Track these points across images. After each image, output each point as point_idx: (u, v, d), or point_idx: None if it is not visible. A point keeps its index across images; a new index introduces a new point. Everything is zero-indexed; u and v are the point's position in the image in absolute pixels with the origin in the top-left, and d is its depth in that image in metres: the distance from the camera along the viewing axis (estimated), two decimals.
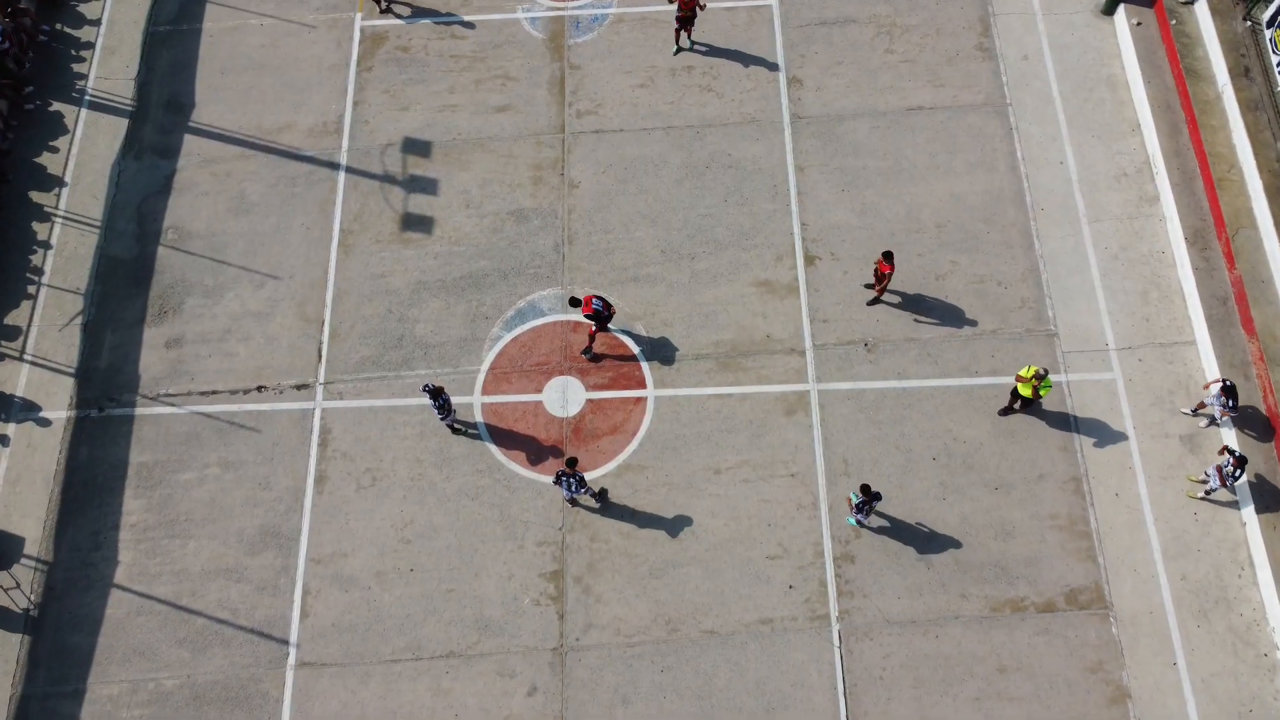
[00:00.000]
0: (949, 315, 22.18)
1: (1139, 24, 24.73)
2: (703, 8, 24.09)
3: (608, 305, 20.83)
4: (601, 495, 20.48)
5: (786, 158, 23.99)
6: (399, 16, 25.78)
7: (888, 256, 20.94)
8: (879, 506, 19.92)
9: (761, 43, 25.43)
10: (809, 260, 22.85)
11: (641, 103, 24.72)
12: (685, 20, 24.21)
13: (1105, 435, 20.93)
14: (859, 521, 19.68)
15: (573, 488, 19.44)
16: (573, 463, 19.30)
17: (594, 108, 24.68)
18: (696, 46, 25.20)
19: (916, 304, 22.31)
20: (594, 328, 21.27)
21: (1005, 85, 24.67)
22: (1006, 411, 20.98)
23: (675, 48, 25.05)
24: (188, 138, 24.59)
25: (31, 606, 19.82)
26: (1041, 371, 19.65)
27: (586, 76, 25.10)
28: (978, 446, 20.97)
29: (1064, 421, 21.12)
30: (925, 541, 20.17)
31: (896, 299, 22.33)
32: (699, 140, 24.25)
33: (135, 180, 24.07)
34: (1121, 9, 24.98)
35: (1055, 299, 22.27)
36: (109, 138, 24.52)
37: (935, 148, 23.98)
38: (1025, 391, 19.95)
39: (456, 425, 21.19)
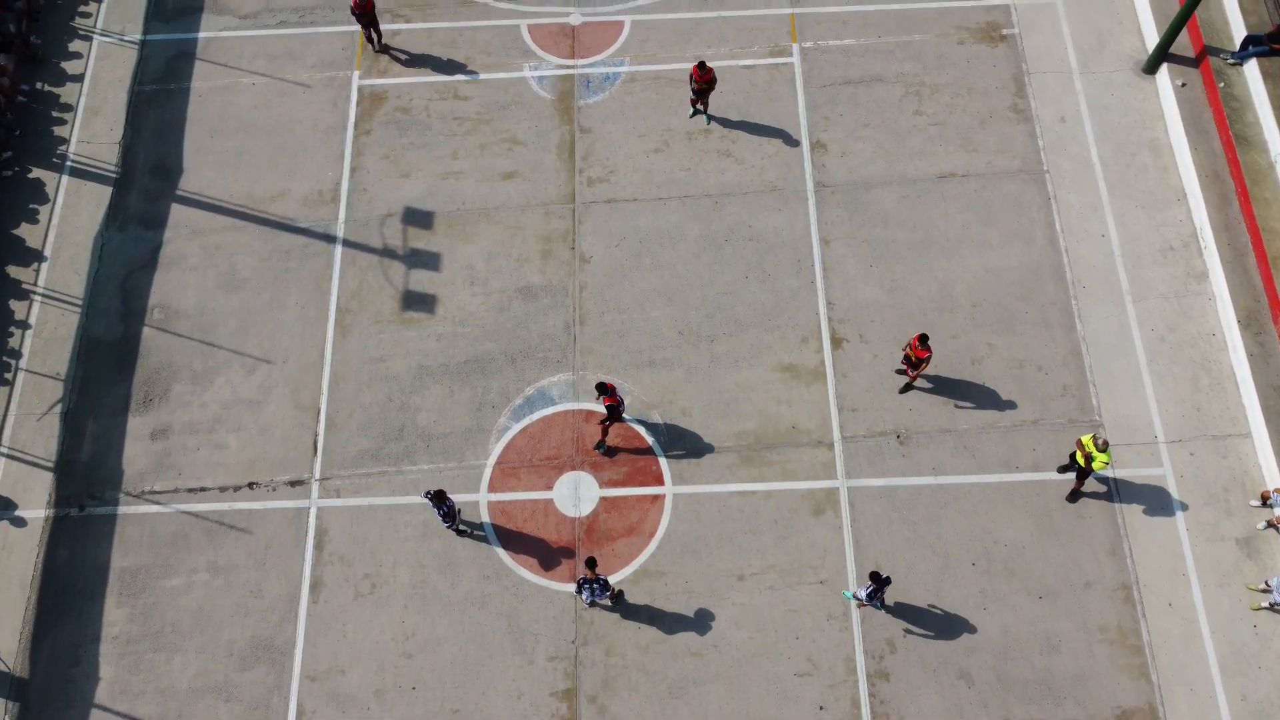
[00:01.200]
0: (986, 403, 20.94)
1: (1183, 85, 23.49)
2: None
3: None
4: (619, 597, 19.25)
5: (811, 229, 22.75)
6: (397, 59, 24.50)
7: (923, 340, 19.69)
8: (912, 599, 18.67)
9: (783, 103, 24.18)
10: (836, 342, 21.62)
11: (656, 169, 23.48)
12: (701, 93, 22.95)
13: (1156, 537, 19.70)
14: (874, 605, 18.53)
15: (596, 593, 18.19)
16: (592, 564, 18.12)
17: (606, 174, 23.44)
18: (711, 119, 23.92)
19: (951, 390, 21.07)
20: (607, 421, 20.05)
21: (1042, 150, 23.43)
22: (1074, 496, 19.87)
23: (691, 110, 23.79)
24: (175, 206, 23.35)
25: None
26: (1101, 443, 18.35)
27: (598, 140, 23.86)
28: (1019, 550, 19.74)
29: (1111, 521, 19.88)
30: (965, 655, 18.94)
31: (929, 384, 21.11)
32: (718, 210, 23.01)
33: (119, 253, 22.83)
34: (1164, 68, 23.74)
35: (1099, 385, 21.04)
36: (91, 207, 23.30)
37: (969, 218, 22.73)
38: (1078, 457, 18.79)
39: (461, 528, 19.96)
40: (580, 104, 24.32)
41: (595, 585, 18.07)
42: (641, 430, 20.96)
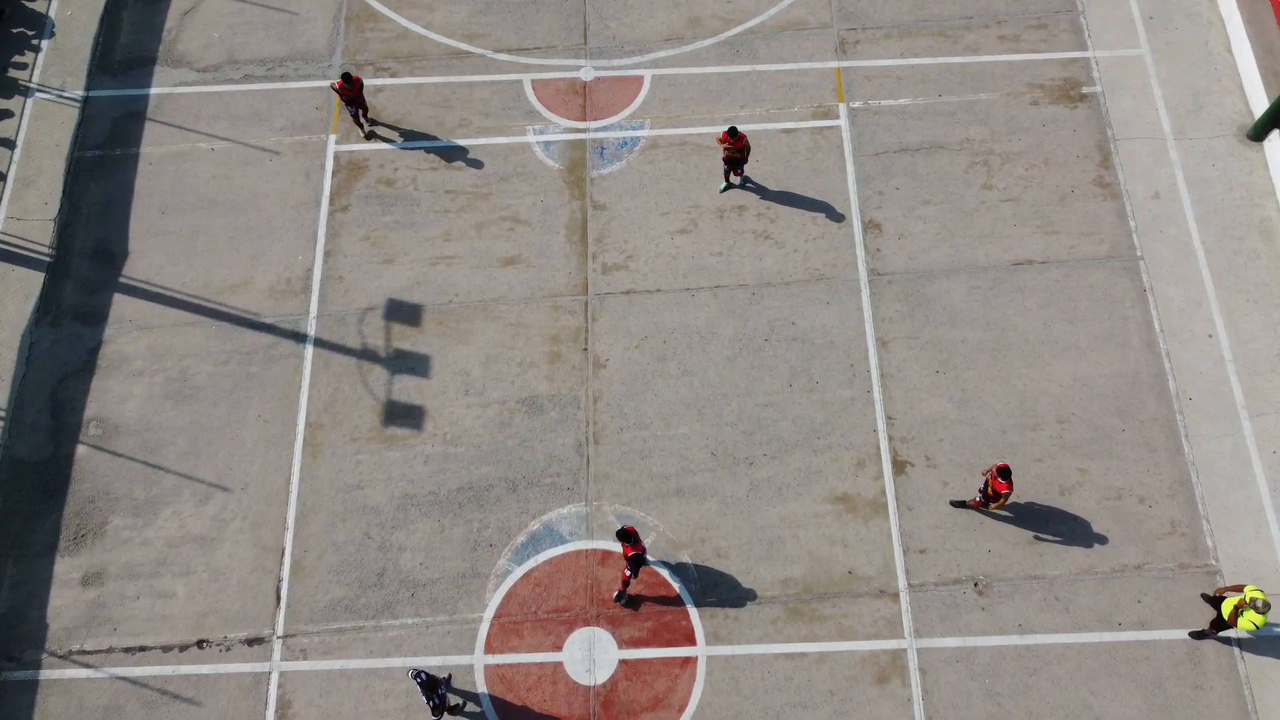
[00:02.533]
0: (1079, 543, 17.93)
1: None
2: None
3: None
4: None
5: (865, 327, 19.72)
6: (388, 141, 21.51)
7: (1004, 474, 16.67)
8: None
9: (829, 175, 21.17)
10: (898, 467, 18.56)
11: (683, 254, 20.47)
12: (733, 162, 19.96)
13: None
14: None
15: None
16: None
17: (624, 260, 20.41)
18: (749, 184, 20.93)
19: (1037, 526, 18.09)
20: (628, 572, 17.02)
21: (1134, 232, 20.43)
22: (1200, 635, 17.07)
23: (724, 184, 20.79)
24: (118, 298, 20.32)
25: None
26: (1261, 604, 15.46)
27: (614, 219, 20.84)
28: None
29: (1236, 694, 16.86)
30: None
31: (1008, 514, 18.05)
32: (755, 304, 19.97)
33: (51, 355, 19.80)
34: (1274, 135, 20.78)
35: (1214, 522, 18.00)
36: (19, 298, 20.30)
37: (1051, 315, 19.71)
38: (1226, 606, 15.90)
39: (453, 702, 16.92)
40: (593, 175, 21.31)
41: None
42: (668, 576, 17.90)
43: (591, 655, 17.43)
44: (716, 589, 17.87)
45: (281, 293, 20.37)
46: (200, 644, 17.64)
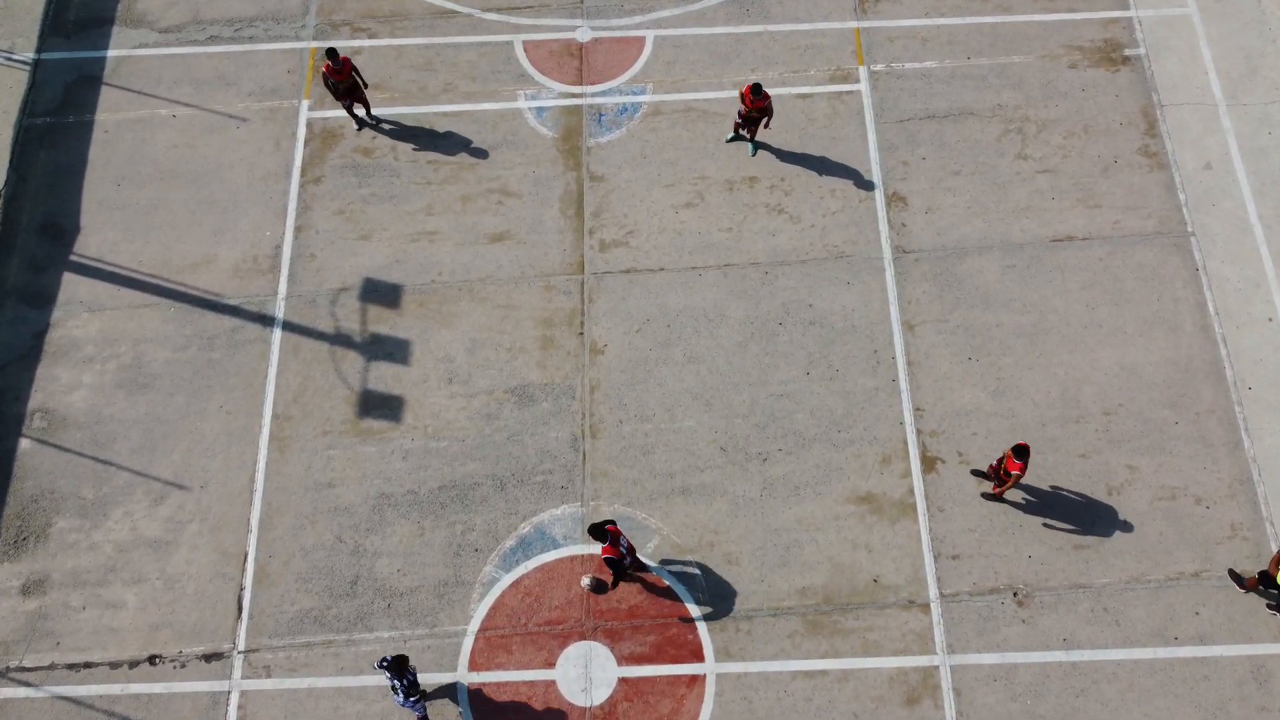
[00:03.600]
0: (1129, 548, 16.41)
1: None
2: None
3: (630, 547, 15.19)
4: None
5: (890, 310, 18.19)
6: (381, 131, 19.97)
7: (1020, 453, 15.13)
8: None
9: (849, 144, 19.62)
10: (928, 464, 17.03)
11: (689, 230, 18.92)
12: (750, 121, 18.42)
13: None
14: None
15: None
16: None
17: (624, 236, 18.87)
18: (762, 150, 19.40)
19: (1083, 529, 16.57)
20: (612, 581, 15.53)
21: (1184, 206, 18.89)
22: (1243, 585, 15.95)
23: (731, 134, 19.19)
24: (67, 278, 18.77)
25: None
26: None
27: (613, 191, 19.28)
28: None
29: None
30: None
31: (1052, 518, 16.52)
32: (768, 285, 18.43)
33: None
34: None
35: (1279, 524, 16.45)
36: None
37: (1094, 296, 18.17)
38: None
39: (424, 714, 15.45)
40: (590, 144, 19.75)
41: None
42: (673, 585, 16.36)
43: (588, 673, 15.91)
44: (727, 599, 16.34)
45: (247, 272, 18.83)
46: (152, 660, 16.13)
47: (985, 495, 16.76)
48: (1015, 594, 16.28)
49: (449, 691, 15.85)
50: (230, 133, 20.09)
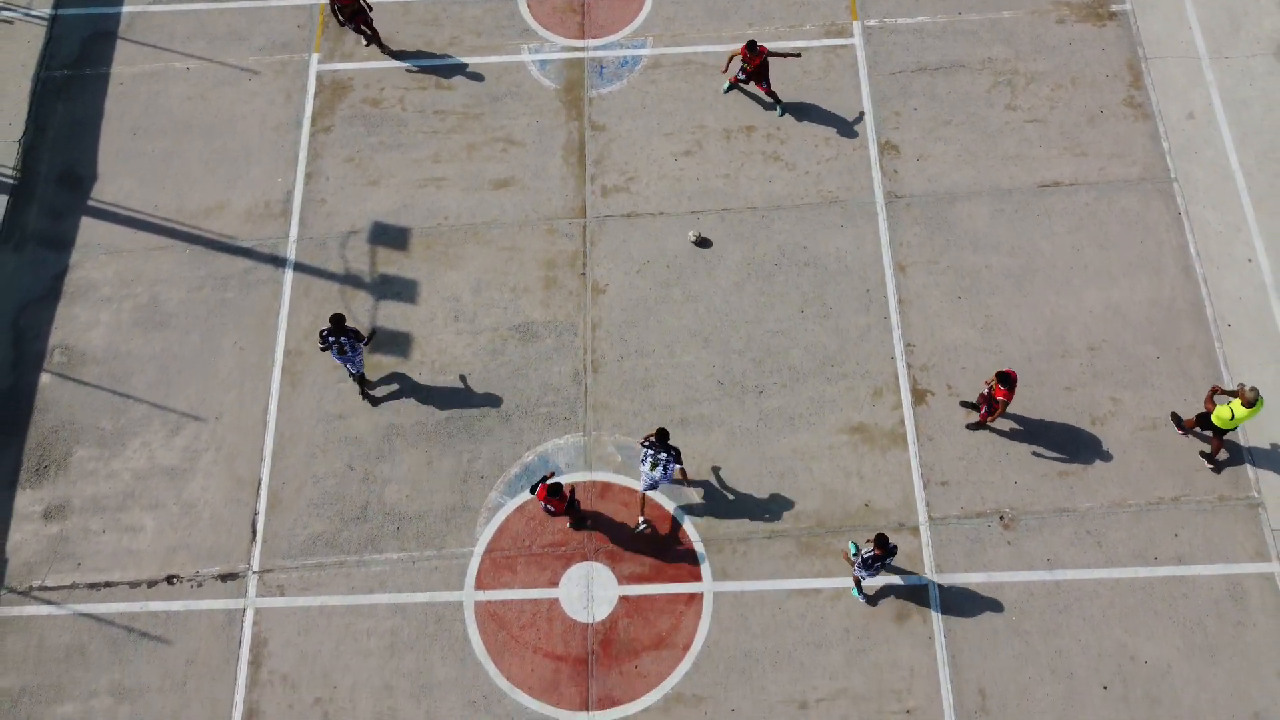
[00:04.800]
0: (1112, 476, 17.35)
1: None
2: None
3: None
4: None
5: (882, 252, 19.16)
6: (387, 50, 20.99)
7: (1005, 380, 16.08)
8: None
9: (843, 95, 20.62)
10: (918, 396, 17.99)
11: (687, 176, 19.90)
12: (751, 76, 19.41)
13: None
14: (868, 574, 15.67)
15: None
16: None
17: (624, 183, 19.84)
18: (757, 101, 20.37)
19: (1068, 455, 17.52)
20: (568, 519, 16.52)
21: (1167, 154, 19.87)
22: (1217, 464, 17.32)
23: (726, 85, 20.18)
24: (86, 222, 19.75)
25: None
26: (1250, 394, 15.72)
27: (614, 140, 20.27)
28: (1164, 670, 16.08)
29: None
30: None
31: (1038, 447, 17.45)
32: (765, 228, 19.41)
33: (13, 281, 19.25)
34: None
35: (1257, 455, 17.44)
36: None
37: (1080, 239, 19.15)
38: (1224, 423, 16.13)
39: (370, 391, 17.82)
40: (592, 95, 20.76)
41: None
42: (672, 509, 17.29)
43: (590, 591, 16.85)
44: (724, 523, 17.29)
45: (259, 216, 19.81)
46: (170, 580, 17.06)
47: (970, 425, 17.69)
48: (1001, 518, 17.21)
49: (457, 609, 16.76)
50: (242, 85, 21.08)
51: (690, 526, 17.21)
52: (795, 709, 16.02)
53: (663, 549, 17.03)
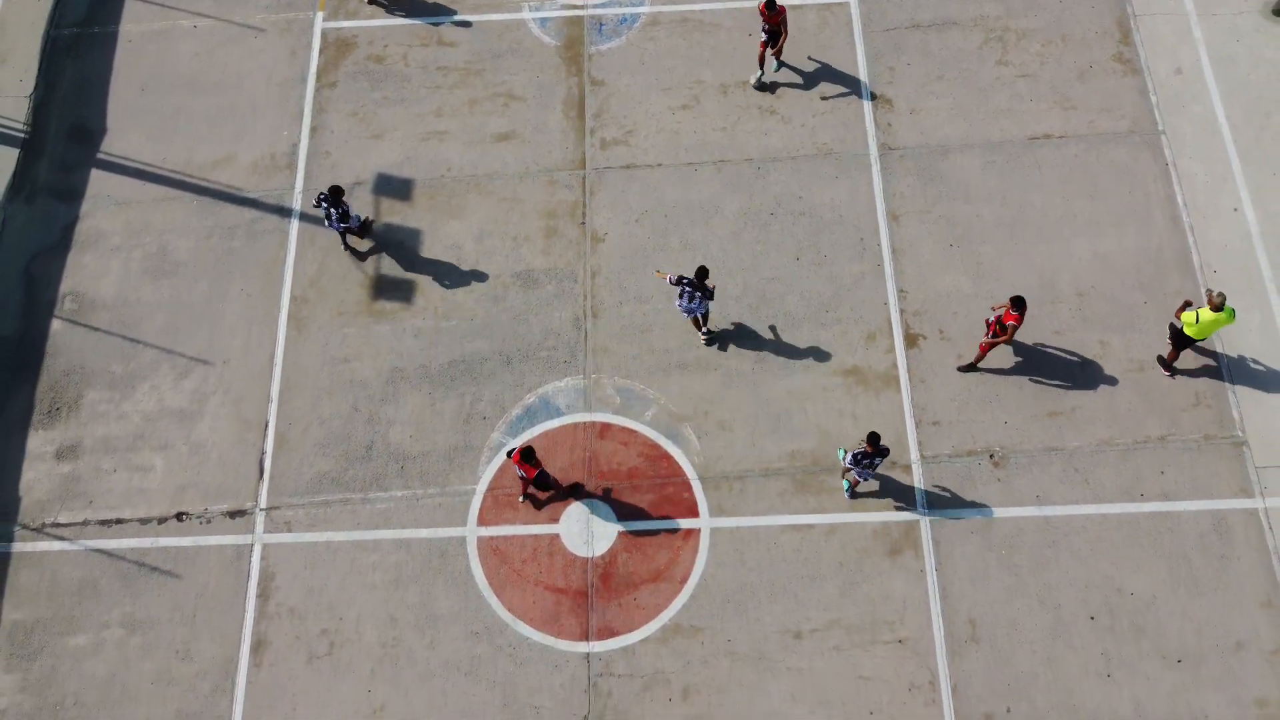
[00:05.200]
0: (1100, 416, 17.68)
1: None
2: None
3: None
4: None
5: (876, 202, 19.47)
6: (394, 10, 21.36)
7: (1017, 303, 16.54)
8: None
9: (838, 51, 20.94)
10: (910, 340, 18.31)
11: (685, 130, 20.22)
12: (772, 36, 19.61)
13: None
14: (855, 483, 16.37)
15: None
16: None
17: (623, 136, 20.15)
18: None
19: (1056, 399, 17.82)
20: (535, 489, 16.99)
21: (1155, 108, 20.18)
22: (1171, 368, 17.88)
23: (758, 73, 20.44)
24: (95, 175, 20.06)
25: None
26: (1217, 298, 16.32)
27: (613, 95, 20.59)
28: (1150, 602, 16.41)
29: (1265, 566, 16.58)
30: None
31: (1028, 389, 17.77)
32: (761, 179, 19.72)
33: (25, 231, 19.54)
34: None
35: (1241, 395, 17.76)
36: None
37: (1070, 190, 19.46)
38: (1190, 328, 16.65)
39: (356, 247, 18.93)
40: (592, 51, 21.07)
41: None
42: (670, 449, 17.62)
43: (589, 528, 17.17)
44: (721, 462, 17.61)
45: (265, 169, 20.12)
46: (179, 516, 17.38)
47: (961, 368, 17.98)
48: (991, 456, 17.54)
49: (460, 544, 17.08)
50: (249, 43, 21.38)
51: (688, 465, 17.52)
52: (790, 639, 16.35)
53: (662, 487, 17.33)
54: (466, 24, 21.39)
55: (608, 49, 21.11)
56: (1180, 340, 17.02)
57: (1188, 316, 16.58)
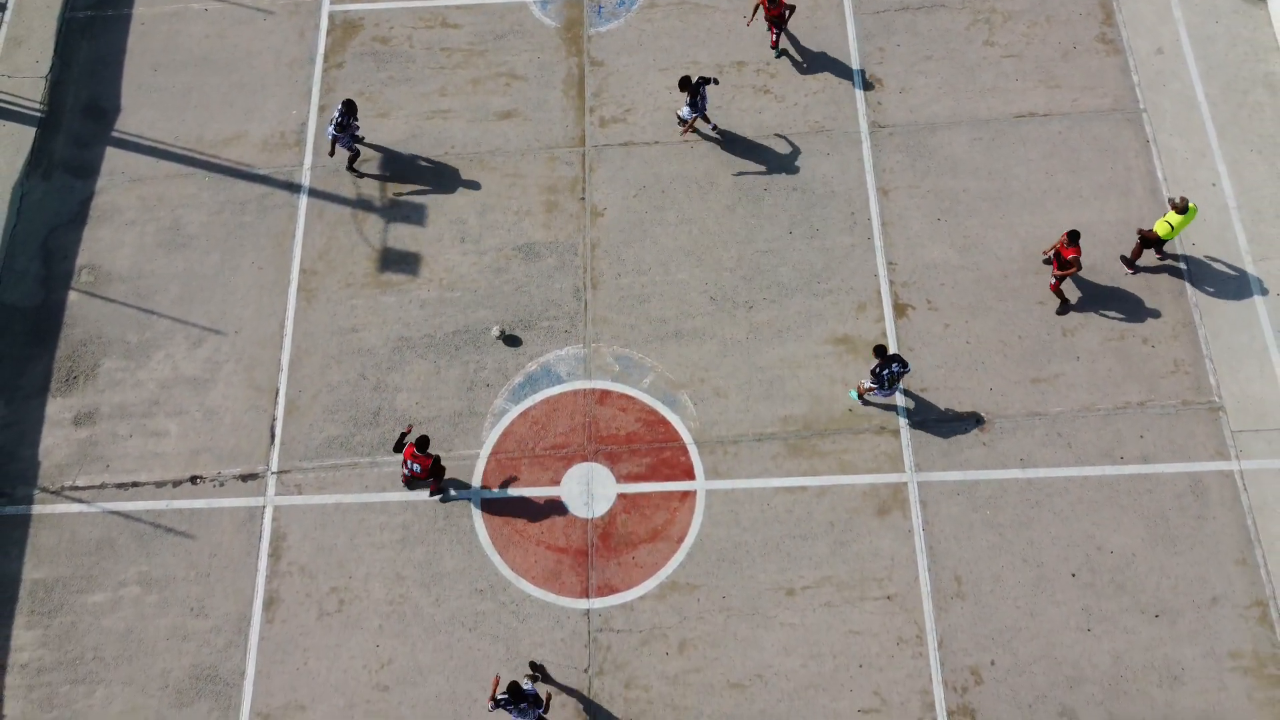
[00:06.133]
0: (1083, 382, 17.99)
1: None
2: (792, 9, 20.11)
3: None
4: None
5: (866, 177, 19.76)
6: None
7: (1073, 238, 17.35)
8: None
9: (830, 32, 21.21)
10: (899, 310, 18.62)
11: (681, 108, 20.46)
12: (776, 20, 19.95)
13: None
14: (883, 393, 16.89)
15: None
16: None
17: (621, 114, 20.43)
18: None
19: (1040, 363, 18.17)
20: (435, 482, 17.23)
21: (1137, 86, 20.46)
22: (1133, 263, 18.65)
23: (776, 51, 20.90)
24: (110, 152, 20.34)
25: None
26: (1179, 202, 17.47)
27: (612, 75, 20.86)
28: (1129, 559, 16.76)
29: (1239, 524, 16.92)
30: (1068, 689, 15.95)
31: (1012, 356, 18.09)
32: (755, 156, 19.97)
33: (42, 206, 19.82)
34: None
35: (1217, 361, 18.07)
36: (11, 152, 20.31)
37: (1053, 165, 19.76)
38: (1165, 232, 17.66)
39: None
40: (591, 32, 21.34)
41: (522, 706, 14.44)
42: (667, 414, 17.94)
43: (589, 489, 17.49)
44: (715, 426, 17.92)
45: (275, 146, 20.40)
46: (194, 480, 17.69)
47: (1058, 311, 18.45)
48: (978, 421, 17.87)
49: (465, 505, 17.40)
50: (258, 24, 21.64)
51: (684, 429, 17.84)
52: (783, 595, 16.69)
53: (659, 451, 17.66)
54: (469, 6, 21.62)
55: (606, 30, 21.38)
56: (1148, 242, 17.94)
57: (1160, 226, 17.55)
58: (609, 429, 17.88)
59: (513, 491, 17.49)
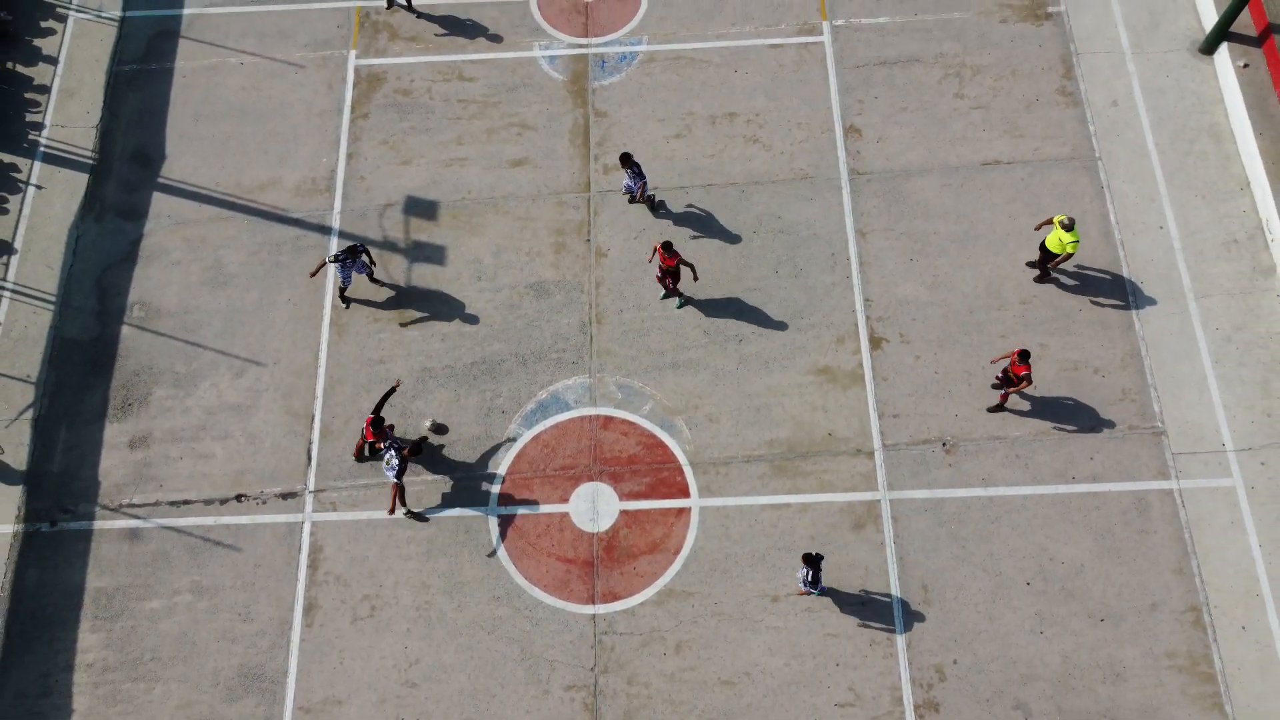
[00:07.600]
0: (1039, 408, 19.73)
1: (1245, 65, 22.30)
2: None
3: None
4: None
5: (846, 220, 21.51)
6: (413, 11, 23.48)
7: (1024, 357, 18.48)
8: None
9: (813, 85, 22.95)
10: (875, 343, 20.37)
11: (678, 156, 22.25)
12: (669, 273, 19.85)
13: (1227, 555, 18.50)
14: (814, 592, 17.92)
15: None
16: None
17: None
18: (739, 90, 22.63)
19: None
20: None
21: (1093, 136, 22.22)
22: (1042, 275, 20.57)
23: (675, 300, 20.75)
24: (156, 196, 22.06)
25: None
26: (1068, 221, 19.17)
27: (614, 125, 22.61)
28: (1078, 569, 18.52)
29: (1178, 538, 18.66)
30: (1021, 685, 17.70)
31: (977, 386, 19.85)
32: (744, 200, 21.78)
33: (96, 247, 21.54)
34: (1224, 48, 22.54)
35: (1161, 390, 19.82)
36: (66, 196, 21.99)
37: (1016, 209, 21.51)
38: (1054, 245, 19.46)
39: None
40: (595, 86, 23.08)
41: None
42: (665, 438, 19.70)
43: (595, 507, 19.22)
44: (708, 449, 19.65)
45: (307, 191, 22.11)
46: (239, 498, 19.40)
47: (990, 409, 19.77)
48: (944, 444, 19.61)
49: (483, 521, 19.15)
50: (290, 77, 23.37)
51: (680, 452, 19.58)
52: (768, 601, 18.44)
53: (657, 471, 19.41)
54: (483, 61, 23.36)
55: (609, 83, 23.11)
56: (1045, 255, 19.89)
57: (1051, 240, 19.56)
58: (612, 451, 19.62)
59: (526, 508, 19.21)
